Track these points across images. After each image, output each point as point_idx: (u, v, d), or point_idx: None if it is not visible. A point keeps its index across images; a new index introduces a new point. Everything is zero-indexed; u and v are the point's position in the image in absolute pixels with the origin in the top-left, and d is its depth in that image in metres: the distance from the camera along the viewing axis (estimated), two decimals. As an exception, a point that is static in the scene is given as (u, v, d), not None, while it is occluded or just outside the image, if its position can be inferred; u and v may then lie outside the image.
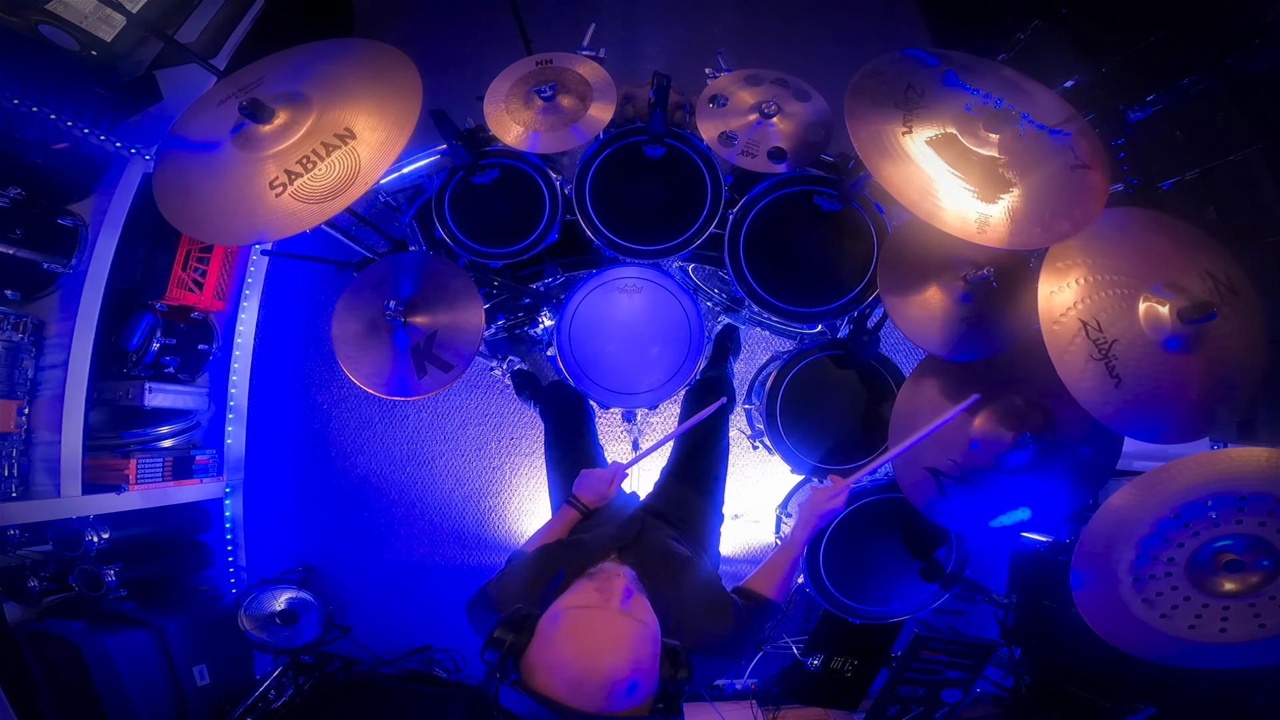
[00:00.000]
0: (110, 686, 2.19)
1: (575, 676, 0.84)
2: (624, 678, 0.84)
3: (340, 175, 1.27)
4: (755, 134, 1.66)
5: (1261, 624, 1.31)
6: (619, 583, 0.96)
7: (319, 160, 1.28)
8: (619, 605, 0.92)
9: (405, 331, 1.59)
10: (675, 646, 0.93)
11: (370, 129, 1.31)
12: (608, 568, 1.04)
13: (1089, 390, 1.29)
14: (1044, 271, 1.33)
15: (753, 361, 2.65)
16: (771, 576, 1.24)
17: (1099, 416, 1.30)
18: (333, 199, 1.26)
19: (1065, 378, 1.29)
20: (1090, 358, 1.30)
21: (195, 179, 1.34)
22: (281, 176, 1.28)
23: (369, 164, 1.28)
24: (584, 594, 0.95)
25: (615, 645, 0.87)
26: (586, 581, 0.99)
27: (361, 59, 1.43)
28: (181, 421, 2.64)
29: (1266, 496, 1.28)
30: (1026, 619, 2.32)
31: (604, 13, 2.85)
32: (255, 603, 2.51)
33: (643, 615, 0.93)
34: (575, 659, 0.85)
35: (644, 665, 0.88)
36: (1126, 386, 1.30)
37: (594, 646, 0.86)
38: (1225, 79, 1.85)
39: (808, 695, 2.27)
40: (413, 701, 2.46)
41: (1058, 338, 1.31)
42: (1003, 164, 1.30)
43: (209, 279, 2.66)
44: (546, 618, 0.92)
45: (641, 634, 0.90)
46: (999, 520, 1.58)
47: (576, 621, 0.90)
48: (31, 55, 2.03)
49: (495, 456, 2.80)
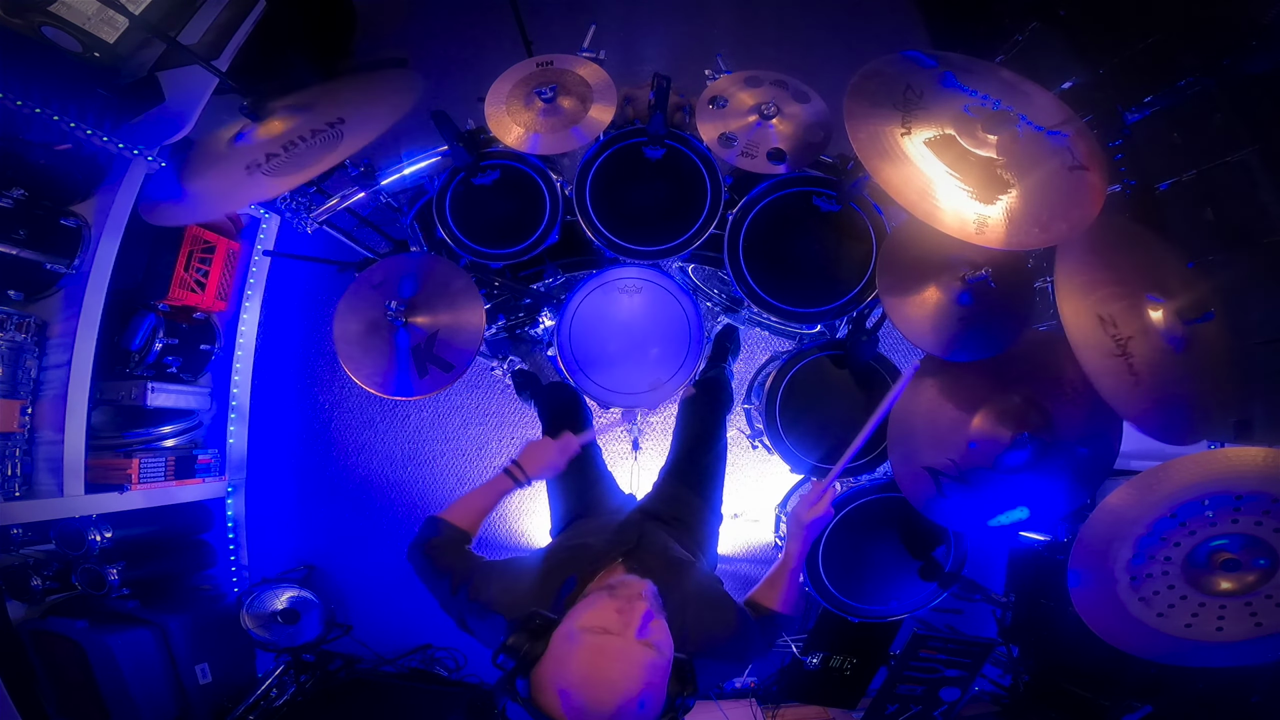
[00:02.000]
0: (113, 685, 2.20)
1: (585, 706, 0.83)
2: (633, 704, 0.84)
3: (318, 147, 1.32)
4: (755, 135, 1.67)
5: (1258, 623, 1.32)
6: (640, 606, 0.92)
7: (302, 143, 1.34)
8: (636, 634, 0.88)
9: (406, 331, 1.60)
10: (683, 661, 0.92)
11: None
12: (630, 583, 0.99)
13: (1113, 386, 1.28)
14: (1059, 275, 1.33)
15: (752, 361, 2.66)
16: (772, 589, 1.24)
17: (1123, 413, 1.29)
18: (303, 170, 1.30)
19: (1090, 373, 1.28)
20: (1110, 354, 1.30)
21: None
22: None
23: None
24: (603, 613, 0.91)
25: (629, 678, 0.85)
26: (607, 599, 0.94)
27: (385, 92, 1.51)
28: (184, 421, 2.65)
29: (1263, 496, 1.29)
30: (1024, 618, 2.33)
31: (604, 15, 2.85)
32: (257, 601, 2.52)
33: (660, 642, 0.91)
34: (586, 685, 0.84)
35: (654, 690, 0.87)
36: (1143, 383, 1.30)
37: (608, 678, 0.84)
38: (1222, 80, 1.86)
39: (807, 693, 2.28)
40: (414, 700, 2.47)
41: (1080, 332, 1.30)
42: (1001, 165, 1.31)
43: (211, 279, 2.67)
44: (563, 635, 0.90)
45: (657, 663, 0.88)
46: (997, 519, 1.58)
47: (593, 648, 0.87)
48: (34, 57, 2.04)
49: (496, 456, 2.81)
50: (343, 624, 2.68)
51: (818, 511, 1.23)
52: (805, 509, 1.24)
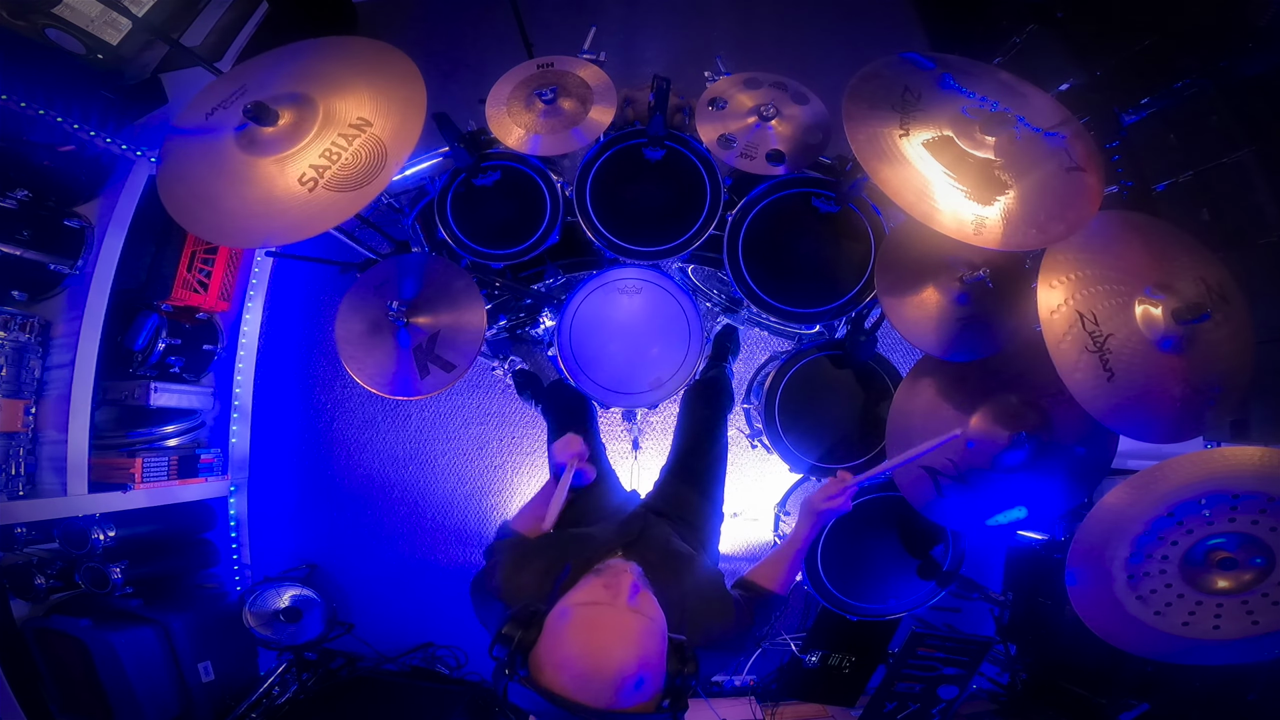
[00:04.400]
0: (116, 683, 2.21)
1: (583, 673, 0.84)
2: (632, 673, 0.85)
3: (369, 160, 1.29)
4: (754, 136, 1.68)
5: (1255, 621, 1.32)
6: (626, 579, 0.96)
7: (342, 151, 1.30)
8: (626, 601, 0.91)
9: (408, 332, 1.61)
10: (681, 641, 0.94)
11: (383, 115, 1.33)
12: (615, 564, 1.03)
13: (1082, 381, 1.29)
14: (1044, 267, 1.34)
15: (751, 361, 2.67)
16: (773, 569, 1.26)
17: (1090, 408, 1.30)
18: (369, 182, 1.28)
19: (1060, 366, 1.29)
20: (1085, 349, 1.30)
21: (216, 189, 1.34)
22: (310, 172, 1.29)
23: (394, 144, 1.30)
24: (592, 590, 0.95)
25: (623, 641, 0.87)
26: (594, 578, 0.98)
27: (351, 56, 1.47)
28: (186, 421, 2.66)
29: (1259, 495, 1.29)
30: (1022, 616, 2.34)
31: (604, 16, 2.88)
32: (259, 600, 2.53)
33: (650, 611, 0.93)
34: (583, 655, 0.86)
35: (651, 661, 0.88)
36: (1118, 381, 1.30)
37: (602, 643, 0.86)
38: (1219, 82, 1.87)
39: (806, 691, 2.29)
40: (415, 698, 2.48)
41: (1055, 327, 1.31)
42: (998, 166, 1.32)
43: (214, 280, 2.69)
44: (555, 614, 0.92)
45: (649, 629, 0.90)
46: (995, 519, 1.59)
47: (585, 618, 0.90)
48: (38, 59, 2.06)
49: (497, 455, 2.82)
50: (344, 622, 2.69)
51: (834, 504, 1.24)
52: (822, 498, 1.25)
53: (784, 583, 1.24)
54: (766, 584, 1.24)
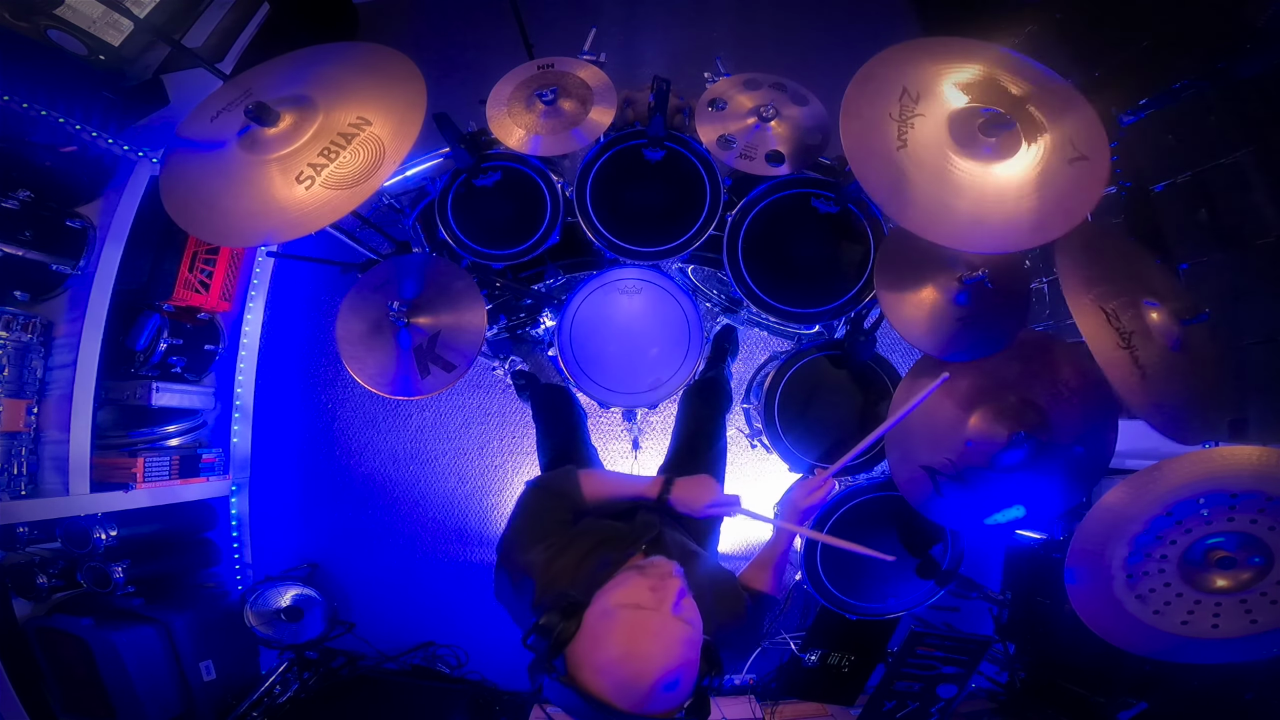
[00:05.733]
0: (118, 682, 2.22)
1: (625, 680, 0.84)
2: (670, 681, 0.84)
3: (367, 157, 1.29)
4: (753, 137, 1.68)
5: (1253, 620, 1.33)
6: (673, 585, 0.92)
7: (340, 150, 1.31)
8: (671, 609, 0.89)
9: (409, 332, 1.61)
10: (710, 643, 0.93)
11: (383, 115, 1.33)
12: (659, 563, 0.99)
13: (1123, 378, 1.28)
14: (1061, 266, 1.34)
15: (751, 361, 2.68)
16: (763, 571, 1.27)
17: (1136, 407, 1.28)
18: (366, 180, 1.27)
19: (1102, 363, 1.27)
20: (1117, 346, 1.30)
21: (214, 190, 1.35)
22: (307, 170, 1.30)
23: (393, 142, 1.30)
24: (636, 591, 0.91)
25: (668, 652, 0.85)
26: (639, 577, 0.94)
27: (353, 60, 1.46)
28: (188, 420, 2.67)
29: (1258, 494, 1.29)
30: (1021, 615, 2.34)
31: (605, 17, 2.88)
32: (261, 599, 2.54)
33: (693, 619, 0.92)
34: (627, 662, 0.84)
35: (688, 669, 0.88)
36: (1149, 378, 1.29)
37: (648, 652, 0.85)
38: (1217, 83, 1.87)
39: (805, 690, 2.29)
40: (416, 697, 2.49)
41: (1090, 322, 1.29)
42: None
43: (215, 280, 2.69)
44: (597, 611, 0.90)
45: (691, 639, 0.89)
46: (994, 518, 1.59)
47: (631, 623, 0.87)
48: (40, 60, 2.06)
49: (497, 455, 2.83)
50: (345, 621, 2.70)
51: (815, 499, 1.26)
52: (804, 495, 1.27)
53: (774, 583, 1.25)
54: (759, 585, 1.25)
